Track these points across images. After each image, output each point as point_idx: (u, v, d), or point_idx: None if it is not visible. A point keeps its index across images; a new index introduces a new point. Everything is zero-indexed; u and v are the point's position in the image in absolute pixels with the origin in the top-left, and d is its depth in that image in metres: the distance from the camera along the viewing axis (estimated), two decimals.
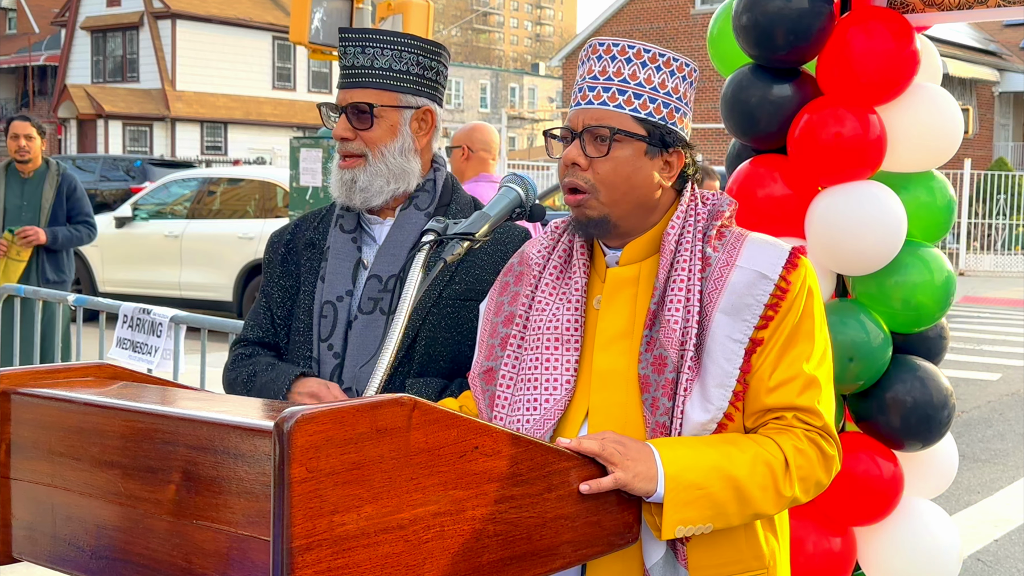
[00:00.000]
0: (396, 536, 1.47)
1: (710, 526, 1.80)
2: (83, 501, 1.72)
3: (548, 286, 2.01)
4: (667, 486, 1.76)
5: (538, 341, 1.97)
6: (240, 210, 11.90)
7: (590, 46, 2.00)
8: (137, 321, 5.13)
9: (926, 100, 3.02)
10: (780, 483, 1.84)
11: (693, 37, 30.12)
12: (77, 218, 7.04)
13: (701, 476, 1.78)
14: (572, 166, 1.93)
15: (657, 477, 1.76)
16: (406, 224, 2.40)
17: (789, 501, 1.87)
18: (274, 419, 1.38)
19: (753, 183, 3.02)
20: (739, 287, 1.89)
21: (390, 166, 2.37)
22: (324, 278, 2.40)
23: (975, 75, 30.05)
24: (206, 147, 35.19)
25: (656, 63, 1.95)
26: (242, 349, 2.48)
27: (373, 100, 2.36)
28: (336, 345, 2.36)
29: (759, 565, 1.95)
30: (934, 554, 3.07)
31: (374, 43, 2.37)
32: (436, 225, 1.96)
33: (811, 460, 1.87)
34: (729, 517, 1.82)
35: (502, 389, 1.98)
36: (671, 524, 1.77)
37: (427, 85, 2.41)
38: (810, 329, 1.92)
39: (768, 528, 1.97)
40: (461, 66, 69.17)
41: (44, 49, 41.58)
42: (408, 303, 1.85)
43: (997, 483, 6.78)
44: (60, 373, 1.89)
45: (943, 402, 2.99)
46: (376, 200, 2.38)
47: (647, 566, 1.86)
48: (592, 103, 1.94)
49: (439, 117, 2.45)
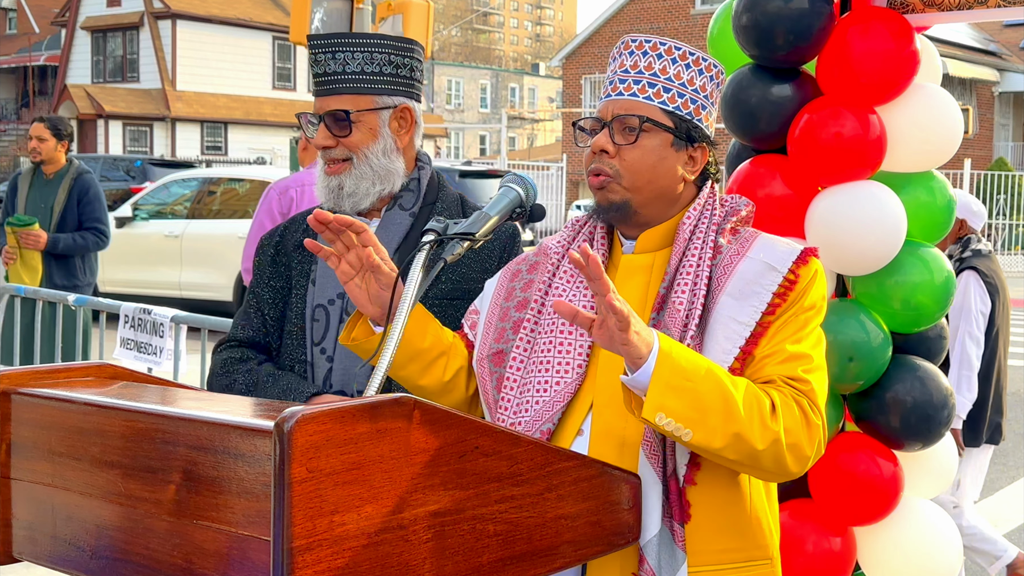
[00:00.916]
0: (396, 536, 1.47)
1: (690, 432, 1.74)
2: (83, 501, 1.72)
3: (566, 274, 2.05)
4: (658, 361, 1.72)
5: (553, 325, 2.00)
6: (240, 210, 11.90)
7: (623, 43, 2.04)
8: (138, 321, 5.14)
9: (926, 100, 3.02)
10: (767, 415, 1.79)
11: (693, 37, 30.12)
12: (87, 223, 6.81)
13: (692, 369, 1.75)
14: (600, 153, 1.97)
15: (652, 348, 1.72)
16: (391, 224, 2.42)
17: (773, 439, 1.78)
18: (274, 419, 1.38)
19: (753, 183, 3.02)
20: (748, 275, 1.92)
21: (375, 168, 2.39)
22: (315, 281, 2.41)
23: (975, 75, 30.07)
24: (206, 147, 35.19)
25: (686, 60, 2.01)
26: (231, 352, 2.46)
27: (349, 106, 2.37)
28: (328, 348, 2.37)
29: (762, 555, 1.94)
30: (934, 554, 3.08)
31: (344, 47, 2.37)
32: (436, 225, 1.96)
33: (795, 416, 1.82)
34: (711, 429, 1.75)
35: (512, 371, 2.00)
36: (653, 405, 1.72)
37: (402, 83, 2.42)
38: (810, 319, 1.93)
39: (770, 518, 1.98)
40: (461, 66, 69.16)
41: (44, 49, 41.61)
42: (408, 303, 1.85)
43: (997, 483, 6.78)
44: (60, 373, 1.89)
45: (943, 402, 3.00)
46: (364, 203, 2.40)
47: (641, 543, 1.83)
48: (623, 94, 1.99)
49: (418, 113, 2.46)
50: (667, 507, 1.84)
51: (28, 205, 6.84)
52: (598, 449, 1.91)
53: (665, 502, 1.84)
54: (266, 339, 2.47)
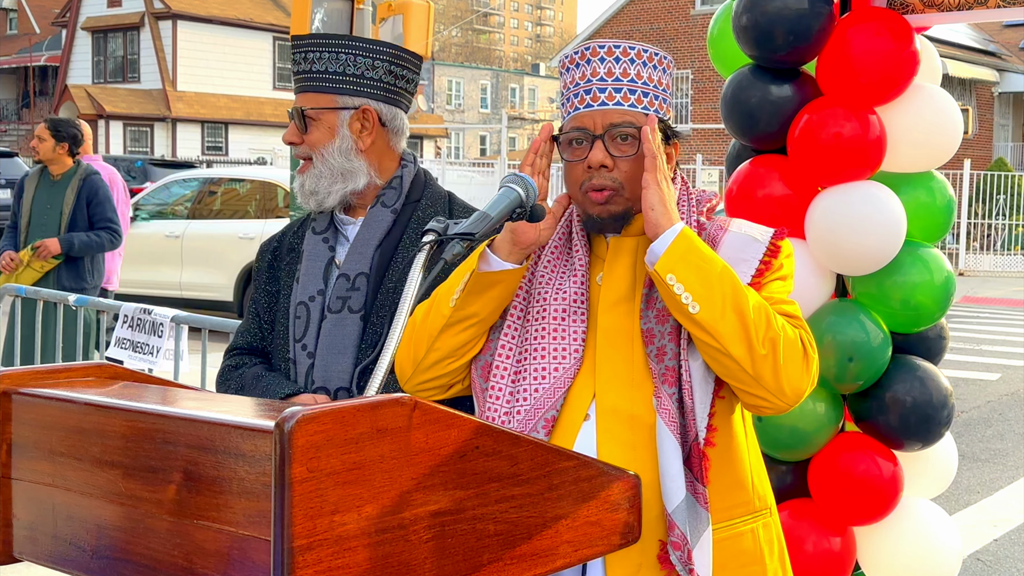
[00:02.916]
0: (396, 536, 1.47)
1: (697, 306, 1.83)
2: (84, 501, 1.72)
3: (550, 264, 2.06)
4: (679, 234, 1.86)
5: (544, 312, 2.01)
6: (241, 210, 11.90)
7: (588, 48, 2.04)
8: (138, 321, 5.13)
9: (926, 100, 3.02)
10: (771, 316, 1.88)
11: (693, 37, 30.12)
12: (99, 224, 6.76)
13: (710, 255, 1.87)
14: (600, 168, 1.98)
15: (673, 223, 1.87)
16: (372, 222, 2.43)
17: (772, 345, 1.86)
18: (275, 419, 1.38)
19: (753, 183, 3.02)
20: (735, 244, 2.00)
21: (332, 167, 2.41)
22: (299, 279, 2.44)
23: (975, 75, 30.05)
24: (207, 147, 35.19)
25: (653, 62, 2.03)
26: (231, 360, 2.51)
27: (309, 104, 2.41)
28: (309, 345, 2.39)
29: (763, 506, 2.04)
30: (934, 554, 3.08)
31: (314, 48, 2.41)
32: (436, 225, 1.96)
33: (794, 336, 1.90)
34: (718, 309, 1.84)
35: (501, 359, 2.01)
36: (667, 265, 1.85)
37: (367, 85, 2.43)
38: (788, 286, 2.03)
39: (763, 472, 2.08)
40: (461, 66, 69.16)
41: (45, 49, 41.59)
42: (408, 303, 1.85)
43: (997, 483, 6.78)
44: (61, 373, 1.90)
45: (943, 402, 3.00)
46: (328, 201, 2.42)
47: (669, 510, 1.87)
48: (606, 104, 1.99)
49: (388, 116, 2.46)
50: (689, 471, 1.89)
51: (34, 207, 6.81)
52: (608, 429, 1.93)
53: (687, 467, 1.89)
54: (263, 343, 2.50)
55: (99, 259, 6.94)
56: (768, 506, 2.06)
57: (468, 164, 32.97)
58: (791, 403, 1.91)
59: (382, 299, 2.37)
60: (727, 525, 1.96)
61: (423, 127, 40.32)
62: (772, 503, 2.09)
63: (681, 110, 30.83)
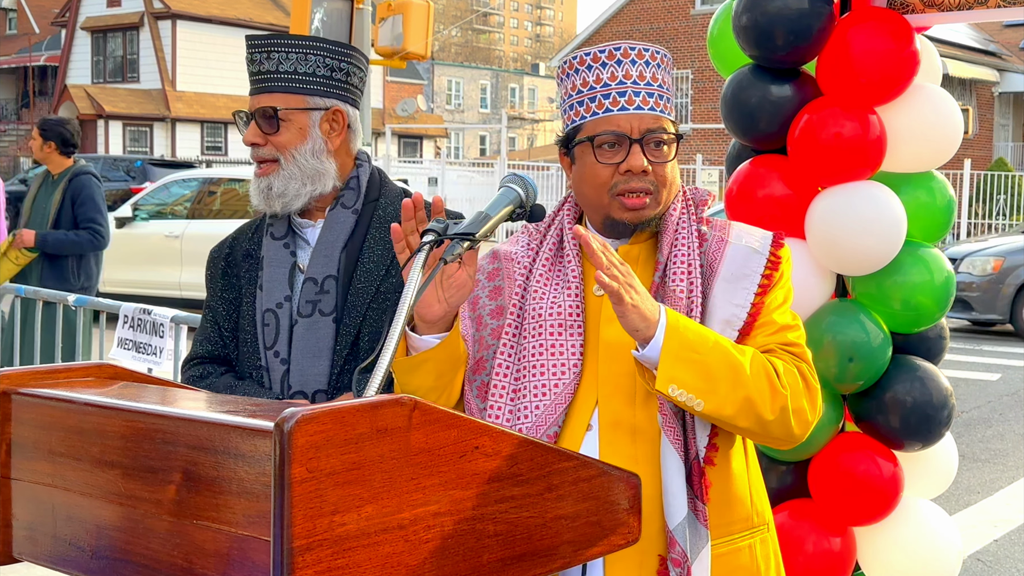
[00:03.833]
0: (396, 536, 1.47)
1: (701, 403, 1.83)
2: (83, 501, 1.72)
3: (543, 276, 2.05)
4: (666, 335, 1.81)
5: (540, 328, 2.00)
6: (240, 210, 11.90)
7: (619, 48, 2.01)
8: (138, 321, 5.13)
9: (926, 100, 3.02)
10: (774, 380, 1.88)
11: (693, 37, 30.12)
12: (82, 224, 6.66)
13: (700, 341, 1.84)
14: (641, 173, 1.97)
15: (658, 323, 1.82)
16: (335, 224, 2.42)
17: (781, 405, 1.88)
18: (274, 419, 1.38)
19: (753, 183, 3.02)
20: (737, 259, 2.01)
21: (303, 168, 2.39)
22: (262, 287, 2.42)
23: (975, 75, 30.06)
24: (206, 147, 35.18)
25: (665, 64, 2.06)
26: (195, 369, 2.48)
27: (280, 104, 2.38)
28: (282, 351, 2.37)
29: (761, 522, 2.05)
30: (934, 554, 3.08)
31: (280, 48, 2.39)
32: (436, 226, 1.96)
33: (796, 379, 1.92)
34: (722, 398, 1.84)
35: (499, 378, 1.99)
36: (666, 378, 1.82)
37: (336, 86, 2.42)
38: (787, 293, 2.05)
39: (761, 488, 2.08)
40: (461, 66, 69.15)
41: (44, 49, 41.59)
42: (408, 303, 1.85)
43: (997, 483, 6.78)
44: (60, 373, 1.89)
45: (943, 402, 3.00)
46: (295, 204, 2.40)
47: (670, 527, 1.89)
48: (642, 108, 1.99)
49: (352, 117, 2.45)
50: (691, 489, 1.90)
51: (34, 206, 6.85)
52: (610, 441, 1.93)
53: (689, 484, 1.90)
54: (224, 351, 2.48)
55: (87, 261, 6.81)
56: (766, 522, 2.07)
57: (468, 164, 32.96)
58: (801, 440, 1.96)
59: (352, 300, 2.36)
60: (726, 541, 1.97)
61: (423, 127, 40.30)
62: (770, 518, 2.10)
63: (681, 110, 30.84)
